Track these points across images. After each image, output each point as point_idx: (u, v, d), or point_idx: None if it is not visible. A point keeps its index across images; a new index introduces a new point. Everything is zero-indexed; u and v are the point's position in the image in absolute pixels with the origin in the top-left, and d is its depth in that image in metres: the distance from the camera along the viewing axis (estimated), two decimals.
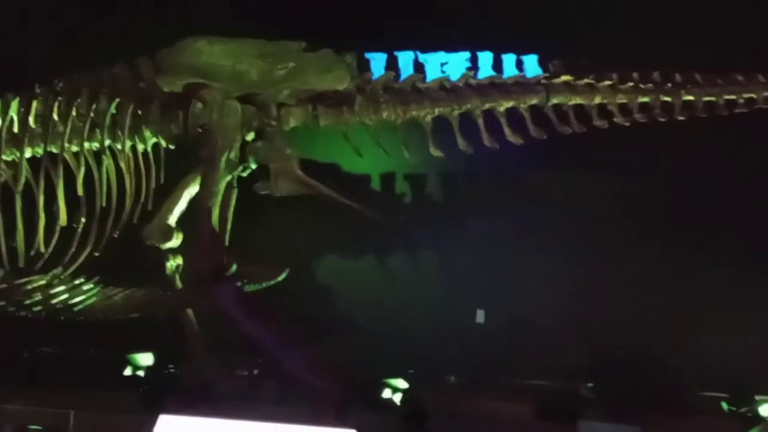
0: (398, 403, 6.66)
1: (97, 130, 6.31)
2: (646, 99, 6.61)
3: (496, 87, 6.53)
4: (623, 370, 6.92)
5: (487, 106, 6.50)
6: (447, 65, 6.53)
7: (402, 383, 6.83)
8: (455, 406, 6.74)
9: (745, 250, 6.69)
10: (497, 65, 6.53)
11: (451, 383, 7.36)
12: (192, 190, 6.28)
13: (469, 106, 6.48)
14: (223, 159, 6.13)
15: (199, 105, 6.27)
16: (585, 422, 5.89)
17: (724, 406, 6.68)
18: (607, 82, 6.56)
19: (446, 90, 6.51)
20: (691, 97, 6.59)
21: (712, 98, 6.59)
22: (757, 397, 6.29)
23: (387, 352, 6.99)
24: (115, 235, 6.24)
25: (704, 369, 6.83)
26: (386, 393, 6.79)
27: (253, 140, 6.29)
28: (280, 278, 6.24)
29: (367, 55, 6.45)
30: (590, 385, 7.07)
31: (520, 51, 6.52)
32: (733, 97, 6.59)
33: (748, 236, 6.86)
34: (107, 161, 6.31)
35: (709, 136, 6.77)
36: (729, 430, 6.39)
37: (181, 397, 6.03)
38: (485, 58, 6.53)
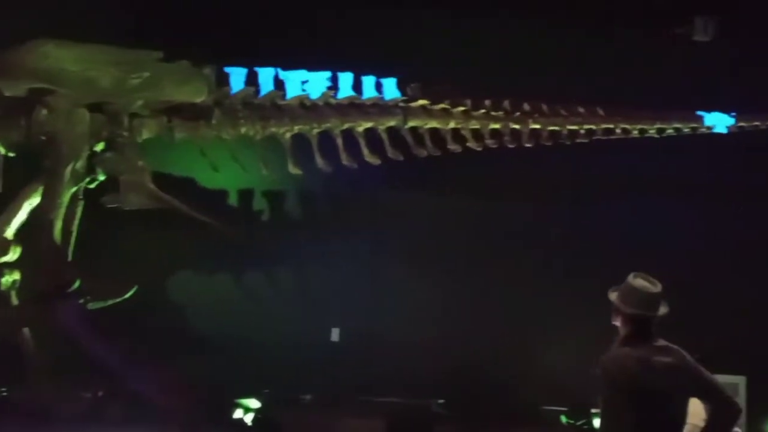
0: (250, 423, 6.54)
1: None
2: (497, 126, 6.94)
3: (356, 107, 6.66)
4: (473, 386, 7.13)
5: (346, 125, 6.60)
6: (307, 84, 6.57)
7: (255, 403, 6.72)
8: (310, 425, 6.70)
9: (586, 273, 7.06)
10: (357, 86, 6.65)
11: (306, 402, 7.29)
12: (33, 201, 5.95)
13: (328, 125, 6.56)
14: (69, 169, 5.85)
15: (44, 111, 5.95)
16: None
17: (563, 419, 7.04)
18: (461, 108, 6.84)
19: (306, 108, 6.55)
20: (537, 126, 6.99)
21: (557, 128, 7.03)
22: (593, 411, 6.67)
23: (242, 371, 6.84)
24: None
25: (546, 385, 7.16)
26: (238, 413, 6.66)
27: (103, 151, 6.05)
28: (128, 295, 5.98)
29: (227, 69, 6.38)
30: (441, 401, 7.23)
31: (379, 73, 6.66)
32: (575, 127, 7.05)
33: (588, 260, 7.27)
34: None
35: (556, 160, 7.18)
36: None
37: (16, 422, 5.65)
38: (345, 79, 6.63)
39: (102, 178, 6.07)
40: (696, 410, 3.84)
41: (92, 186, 6.08)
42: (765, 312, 7.41)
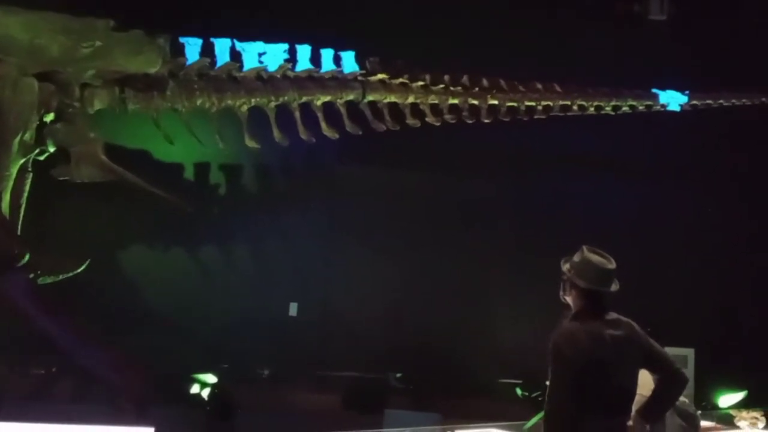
0: (206, 399, 6.50)
1: None
2: (455, 101, 6.95)
3: (314, 81, 6.57)
4: (429, 360, 7.20)
5: (304, 99, 6.52)
6: (265, 56, 6.45)
7: (211, 378, 6.68)
8: (268, 399, 6.71)
9: (540, 248, 7.13)
10: (315, 59, 6.56)
11: (264, 376, 7.28)
12: None
13: (286, 98, 6.46)
14: (16, 140, 5.64)
15: None
16: (390, 411, 6.09)
17: (518, 391, 7.17)
18: (420, 83, 6.82)
19: (263, 80, 6.43)
20: (495, 102, 7.01)
21: (514, 104, 7.07)
22: (547, 383, 6.79)
23: (199, 346, 6.79)
24: None
25: (501, 359, 7.27)
26: (195, 388, 6.62)
27: (53, 121, 5.85)
28: (80, 270, 5.85)
29: (182, 40, 6.22)
30: (399, 375, 7.29)
31: (338, 46, 6.59)
32: (532, 103, 7.10)
33: (541, 235, 7.35)
34: None
35: (513, 136, 7.22)
36: (521, 413, 6.85)
37: None
38: (303, 51, 6.54)
39: (52, 149, 5.88)
40: (644, 381, 3.93)
41: (42, 158, 5.89)
42: (713, 286, 7.62)
